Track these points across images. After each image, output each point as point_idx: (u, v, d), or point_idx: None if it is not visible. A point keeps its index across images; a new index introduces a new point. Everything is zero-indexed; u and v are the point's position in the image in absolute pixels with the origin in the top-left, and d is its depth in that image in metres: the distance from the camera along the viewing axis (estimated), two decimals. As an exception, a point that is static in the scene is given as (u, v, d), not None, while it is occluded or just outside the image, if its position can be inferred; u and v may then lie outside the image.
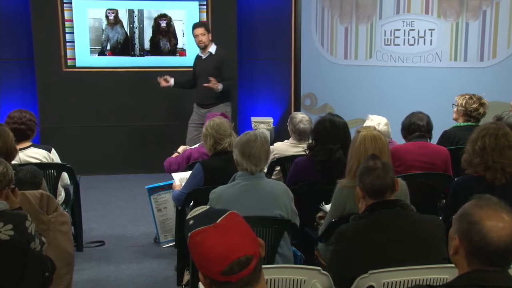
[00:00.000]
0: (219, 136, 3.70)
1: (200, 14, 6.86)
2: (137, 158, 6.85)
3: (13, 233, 2.45)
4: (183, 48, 6.90)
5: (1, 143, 3.32)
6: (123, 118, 6.84)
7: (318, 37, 6.91)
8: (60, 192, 4.25)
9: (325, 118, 3.74)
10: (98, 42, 6.71)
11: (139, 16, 6.76)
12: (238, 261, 1.42)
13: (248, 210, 2.81)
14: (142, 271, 4.21)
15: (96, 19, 6.66)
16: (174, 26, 6.84)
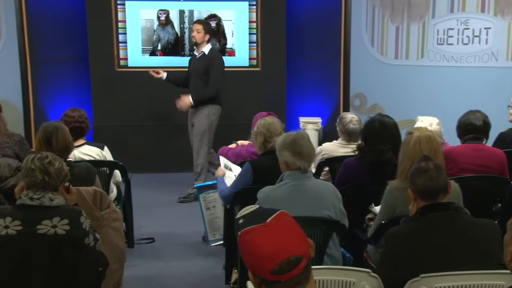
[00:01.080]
0: (269, 134, 3.72)
1: (250, 14, 6.88)
2: (187, 157, 6.90)
3: (69, 228, 2.51)
4: (232, 48, 6.94)
5: (61, 139, 3.41)
6: (174, 117, 6.92)
7: (368, 36, 6.83)
8: (112, 189, 4.33)
9: (375, 119, 3.70)
10: (149, 43, 6.83)
11: (190, 17, 6.83)
12: (288, 261, 1.42)
13: (296, 210, 2.80)
14: (191, 269, 4.26)
15: (148, 19, 6.78)
16: (224, 27, 6.88)
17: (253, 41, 6.91)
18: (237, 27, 6.89)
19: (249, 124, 4.53)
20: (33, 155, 2.65)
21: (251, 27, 6.90)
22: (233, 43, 6.92)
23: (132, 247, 4.52)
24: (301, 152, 3.00)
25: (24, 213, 2.51)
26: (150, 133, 6.93)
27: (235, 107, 6.87)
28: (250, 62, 6.96)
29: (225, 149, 4.48)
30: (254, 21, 6.88)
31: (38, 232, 2.47)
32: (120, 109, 6.82)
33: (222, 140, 5.54)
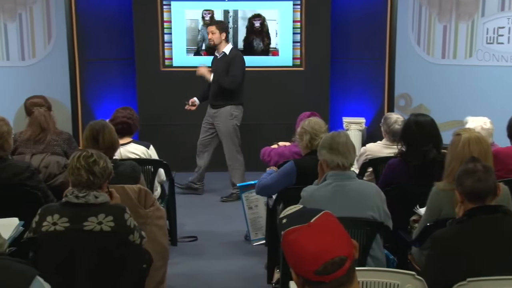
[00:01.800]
0: (315, 132, 3.73)
1: (294, 13, 6.86)
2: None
3: (114, 224, 2.56)
4: (276, 48, 6.94)
5: (108, 137, 3.46)
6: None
7: (415, 35, 6.72)
8: (156, 188, 4.38)
9: (409, 121, 3.67)
10: (194, 42, 6.89)
11: (234, 16, 6.87)
12: (332, 262, 1.41)
13: (340, 210, 2.76)
14: (233, 268, 4.28)
15: (193, 19, 6.85)
16: (268, 26, 6.89)
17: (297, 40, 6.89)
18: (281, 27, 6.89)
19: (292, 124, 4.52)
20: (79, 153, 2.69)
21: (295, 26, 6.88)
22: (277, 42, 6.92)
23: (175, 245, 4.56)
24: (337, 148, 2.99)
25: (70, 210, 2.56)
26: (194, 132, 6.98)
27: (278, 107, 6.87)
28: (294, 62, 6.94)
29: (267, 149, 4.49)
30: (298, 21, 6.86)
31: (85, 228, 2.52)
32: (165, 108, 6.91)
33: (265, 139, 5.54)
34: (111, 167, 2.75)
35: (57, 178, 3.94)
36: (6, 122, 3.45)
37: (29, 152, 3.98)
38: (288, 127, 4.12)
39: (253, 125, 6.96)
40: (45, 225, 2.54)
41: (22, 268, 1.62)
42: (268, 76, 6.91)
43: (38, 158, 3.93)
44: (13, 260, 1.65)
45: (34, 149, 4.01)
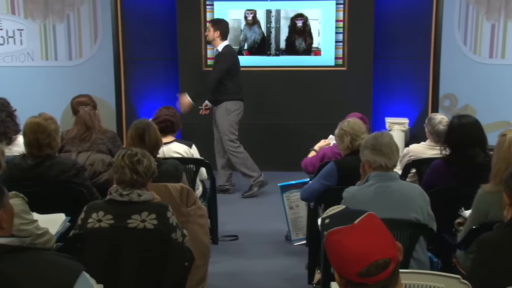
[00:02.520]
0: (355, 133, 3.70)
1: (337, 13, 6.81)
2: (270, 155, 6.96)
3: (157, 222, 2.59)
4: (318, 48, 6.90)
5: (153, 136, 3.51)
6: (258, 116, 6.98)
7: (461, 35, 6.59)
8: (198, 186, 4.41)
9: (453, 124, 3.60)
10: (236, 42, 6.92)
11: (276, 16, 6.87)
12: (376, 264, 1.39)
13: (382, 212, 2.72)
14: (274, 268, 4.27)
15: (235, 19, 6.87)
16: (310, 26, 6.86)
17: (339, 40, 6.83)
18: (324, 26, 6.85)
19: (334, 124, 4.48)
20: (123, 151, 2.74)
21: (338, 26, 6.82)
22: (319, 42, 6.88)
23: (216, 243, 4.58)
24: (380, 149, 2.96)
25: (115, 208, 2.61)
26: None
27: (320, 107, 6.83)
28: (336, 61, 6.89)
29: (307, 160, 4.45)
30: (341, 20, 6.80)
31: (129, 226, 2.56)
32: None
33: (306, 140, 5.52)
34: (155, 166, 2.78)
35: (102, 175, 4.01)
36: (54, 120, 3.53)
37: (75, 150, 4.06)
38: (330, 127, 4.10)
39: (294, 125, 6.95)
40: (90, 221, 2.59)
41: (69, 263, 1.65)
42: (309, 76, 6.88)
43: (84, 156, 4.01)
44: (60, 256, 1.68)
45: (80, 147, 4.09)
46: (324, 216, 1.53)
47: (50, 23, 6.62)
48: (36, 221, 2.72)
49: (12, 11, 6.56)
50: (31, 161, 3.39)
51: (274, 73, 6.90)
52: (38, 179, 3.36)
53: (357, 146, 3.65)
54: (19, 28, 6.60)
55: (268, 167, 6.85)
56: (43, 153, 3.40)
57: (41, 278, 1.58)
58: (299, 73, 6.88)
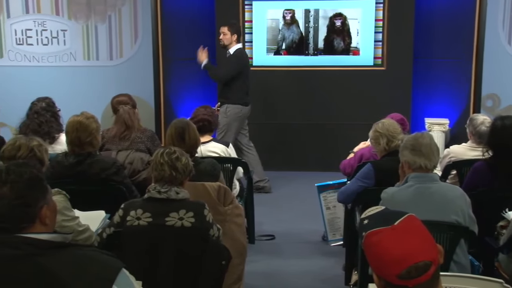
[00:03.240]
0: (391, 134, 3.66)
1: (376, 12, 6.74)
2: (306, 156, 6.95)
3: (194, 220, 2.61)
4: (356, 47, 6.84)
5: (193, 135, 3.53)
6: (296, 116, 6.97)
7: (505, 34, 6.44)
8: (235, 186, 4.42)
9: (495, 125, 3.52)
10: (274, 42, 6.92)
11: (315, 16, 6.84)
12: (416, 266, 1.37)
13: (422, 213, 2.65)
14: (310, 268, 4.25)
15: (273, 19, 6.88)
16: (349, 25, 6.80)
17: (379, 39, 6.77)
18: (363, 26, 6.79)
19: (372, 124, 4.44)
20: (162, 149, 2.77)
21: (377, 25, 6.75)
22: (358, 42, 6.82)
23: (252, 243, 4.58)
24: (420, 149, 2.91)
25: (153, 206, 2.63)
26: (273, 131, 7.02)
27: (358, 107, 6.78)
28: (375, 61, 6.83)
29: (345, 162, 4.42)
30: (381, 19, 6.73)
31: (167, 224, 2.59)
32: (244, 107, 6.96)
33: (344, 140, 5.49)
34: (192, 165, 2.81)
35: (141, 174, 4.05)
36: (95, 119, 3.59)
37: (115, 149, 4.12)
38: (368, 128, 4.06)
39: (332, 125, 6.92)
40: (129, 219, 2.63)
41: (110, 260, 1.68)
42: (348, 76, 6.84)
43: (123, 155, 4.07)
44: (101, 252, 1.71)
45: (119, 145, 4.15)
46: (363, 216, 1.51)
47: (92, 23, 6.74)
48: (77, 218, 2.77)
49: (56, 12, 6.71)
50: (72, 159, 3.46)
51: (312, 73, 6.88)
52: (79, 176, 3.42)
53: (394, 147, 3.61)
54: (62, 29, 6.74)
55: (306, 167, 6.85)
56: (84, 151, 3.46)
57: (83, 274, 1.60)
58: (337, 73, 6.84)
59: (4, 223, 1.65)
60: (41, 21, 6.69)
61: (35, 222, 1.69)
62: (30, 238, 1.64)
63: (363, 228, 1.48)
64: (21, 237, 1.64)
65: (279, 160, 6.96)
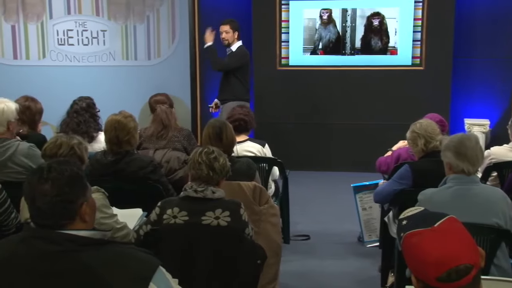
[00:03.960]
0: (429, 135, 3.59)
1: (415, 11, 6.65)
2: (343, 156, 6.90)
3: (230, 219, 2.62)
4: (394, 47, 6.76)
5: (230, 135, 3.53)
6: (333, 116, 6.94)
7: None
8: (270, 185, 4.42)
9: None
10: (311, 42, 6.90)
11: (352, 15, 6.78)
12: (457, 269, 1.35)
13: (461, 215, 2.59)
14: (346, 269, 4.22)
15: (310, 19, 6.85)
16: (387, 25, 6.73)
17: (417, 39, 6.67)
18: (401, 25, 6.70)
19: (409, 125, 4.38)
20: (201, 149, 2.79)
21: (416, 24, 6.66)
22: (396, 41, 6.74)
23: (287, 243, 4.58)
24: (465, 154, 2.84)
25: (189, 204, 2.65)
26: (309, 131, 7.00)
27: (396, 107, 6.71)
28: (413, 61, 6.73)
29: (382, 159, 4.38)
30: (420, 19, 6.64)
31: (203, 222, 2.60)
32: (280, 107, 6.97)
33: (381, 140, 5.44)
34: (229, 165, 2.81)
35: (177, 173, 4.09)
36: (133, 118, 3.63)
37: (152, 147, 4.18)
38: (405, 128, 4.00)
39: (369, 125, 6.86)
40: (165, 217, 2.65)
41: (147, 258, 1.70)
42: (385, 76, 6.77)
43: (160, 153, 4.11)
44: (139, 250, 1.73)
45: (157, 144, 4.20)
46: (402, 217, 1.49)
47: (131, 24, 6.84)
48: (115, 216, 2.81)
49: (96, 13, 6.83)
50: (111, 157, 3.51)
51: (349, 73, 6.84)
52: (117, 175, 3.47)
53: (432, 149, 3.55)
54: (102, 29, 6.86)
55: (341, 167, 6.80)
56: (122, 149, 3.51)
57: (121, 270, 1.63)
58: (375, 73, 6.78)
59: (45, 220, 1.68)
60: (82, 22, 6.82)
61: (75, 219, 1.71)
62: (71, 235, 1.67)
63: (402, 229, 1.46)
64: (62, 234, 1.67)
65: (315, 160, 6.94)
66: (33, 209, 1.69)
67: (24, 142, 3.55)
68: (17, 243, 1.70)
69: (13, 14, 6.77)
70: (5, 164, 3.40)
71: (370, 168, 4.98)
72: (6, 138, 3.47)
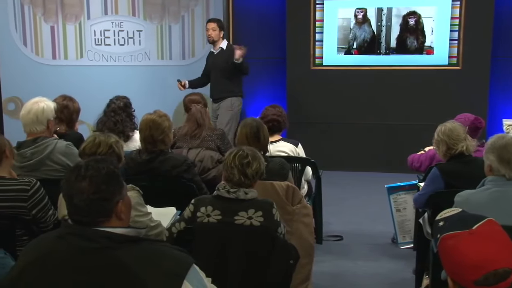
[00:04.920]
0: (452, 142, 3.51)
1: (453, 10, 6.55)
2: (377, 157, 6.84)
3: (263, 219, 2.62)
4: (430, 46, 6.67)
5: (266, 135, 3.56)
6: (367, 116, 6.89)
7: None
8: (303, 185, 4.41)
9: None
10: (345, 41, 6.86)
11: (388, 14, 6.72)
12: (495, 273, 1.32)
13: (500, 218, 2.52)
14: (379, 270, 4.19)
15: (345, 18, 6.81)
16: (423, 24, 6.64)
17: (454, 38, 6.57)
18: (438, 24, 6.61)
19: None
20: (235, 151, 2.75)
21: (453, 23, 6.56)
22: (432, 40, 6.65)
23: (320, 243, 4.56)
24: (509, 160, 2.77)
25: (222, 204, 2.65)
26: (342, 131, 6.97)
27: (431, 107, 6.61)
28: (450, 60, 6.63)
29: (415, 156, 4.33)
30: (457, 17, 6.53)
31: (236, 222, 2.61)
32: (314, 106, 6.95)
33: (415, 141, 5.36)
34: (264, 167, 2.77)
35: (210, 172, 4.11)
36: (168, 117, 3.66)
37: (186, 147, 4.21)
38: (442, 129, 3.98)
39: (403, 126, 6.78)
40: (199, 215, 2.66)
41: (181, 256, 1.71)
42: (421, 76, 6.69)
43: (194, 153, 4.14)
44: (173, 248, 1.75)
45: (190, 143, 4.23)
46: (439, 218, 1.47)
47: (166, 24, 6.91)
48: (150, 214, 2.84)
49: (132, 13, 6.92)
50: (145, 156, 3.55)
51: (384, 73, 6.77)
52: (151, 173, 3.50)
53: (455, 154, 3.49)
54: (138, 29, 6.95)
55: (374, 168, 6.75)
56: (157, 148, 3.55)
57: (156, 268, 1.65)
58: (410, 73, 6.70)
59: (83, 217, 1.71)
60: (119, 22, 6.92)
61: (111, 217, 1.74)
62: (107, 232, 1.70)
63: (438, 230, 1.44)
64: (98, 231, 1.70)
65: (348, 161, 6.90)
66: (70, 206, 1.73)
67: (61, 141, 3.62)
68: (55, 239, 1.73)
69: (53, 15, 6.91)
70: (44, 162, 3.47)
71: (404, 169, 4.93)
72: (45, 137, 3.54)
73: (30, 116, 3.52)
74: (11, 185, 2.87)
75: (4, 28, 6.84)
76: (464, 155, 3.50)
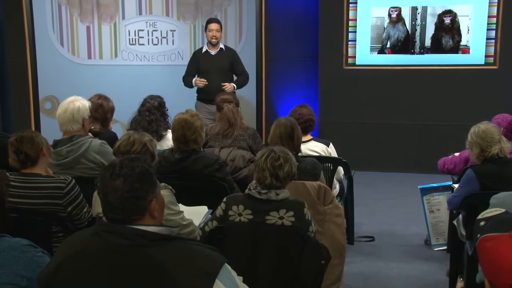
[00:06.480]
0: (485, 144, 3.45)
1: (490, 8, 6.43)
2: (410, 157, 6.77)
3: (294, 220, 2.62)
4: (466, 45, 6.56)
5: (299, 134, 3.54)
6: (400, 116, 6.82)
7: None
8: (335, 185, 4.39)
9: None
10: (378, 40, 6.79)
11: (422, 13, 6.63)
12: (533, 279, 1.30)
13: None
14: (412, 272, 4.14)
15: (378, 17, 6.75)
16: (459, 23, 6.54)
17: (491, 37, 6.45)
18: (474, 23, 6.50)
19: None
20: (267, 152, 2.74)
21: (490, 22, 6.44)
22: (468, 39, 6.54)
23: (352, 243, 4.53)
24: None
25: (253, 203, 2.66)
26: (374, 131, 6.91)
27: (467, 107, 6.51)
28: (486, 60, 6.52)
29: (448, 158, 4.26)
30: (494, 16, 6.41)
31: (267, 222, 2.61)
32: (346, 106, 6.92)
33: (450, 142, 5.28)
34: (295, 169, 2.76)
35: (242, 171, 4.13)
36: (199, 117, 3.69)
37: (218, 146, 4.23)
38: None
39: (438, 126, 6.69)
40: (231, 214, 2.68)
41: (213, 254, 1.73)
42: (457, 75, 6.59)
43: (226, 152, 4.17)
44: (205, 246, 1.76)
45: (222, 143, 4.25)
46: (480, 217, 1.45)
47: (199, 23, 6.95)
48: (182, 212, 2.87)
49: (166, 13, 6.98)
50: (178, 155, 3.58)
51: (418, 72, 6.70)
52: (183, 172, 3.53)
53: (489, 156, 3.42)
54: (171, 29, 7.01)
55: (407, 168, 6.67)
56: (189, 147, 3.57)
57: (188, 266, 1.66)
58: (445, 72, 6.61)
59: (117, 214, 1.74)
60: (152, 22, 7.00)
61: (145, 215, 1.76)
62: (141, 230, 1.72)
63: (478, 230, 1.42)
64: (132, 229, 1.73)
65: (381, 161, 6.84)
66: (105, 204, 1.76)
67: (96, 139, 3.68)
68: (90, 236, 1.76)
69: (88, 15, 7.02)
70: (79, 160, 3.53)
71: (437, 170, 4.87)
72: (81, 135, 3.60)
73: (66, 115, 3.58)
74: (47, 183, 2.93)
75: (43, 28, 6.98)
76: (499, 157, 3.44)
